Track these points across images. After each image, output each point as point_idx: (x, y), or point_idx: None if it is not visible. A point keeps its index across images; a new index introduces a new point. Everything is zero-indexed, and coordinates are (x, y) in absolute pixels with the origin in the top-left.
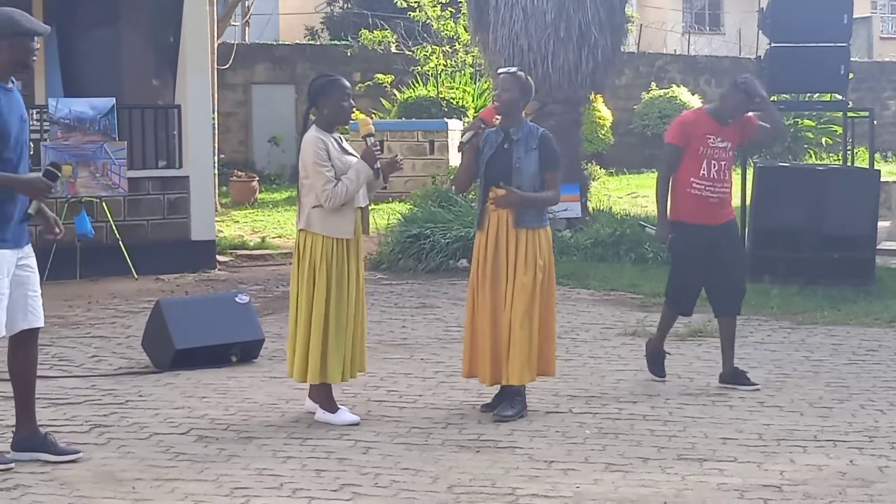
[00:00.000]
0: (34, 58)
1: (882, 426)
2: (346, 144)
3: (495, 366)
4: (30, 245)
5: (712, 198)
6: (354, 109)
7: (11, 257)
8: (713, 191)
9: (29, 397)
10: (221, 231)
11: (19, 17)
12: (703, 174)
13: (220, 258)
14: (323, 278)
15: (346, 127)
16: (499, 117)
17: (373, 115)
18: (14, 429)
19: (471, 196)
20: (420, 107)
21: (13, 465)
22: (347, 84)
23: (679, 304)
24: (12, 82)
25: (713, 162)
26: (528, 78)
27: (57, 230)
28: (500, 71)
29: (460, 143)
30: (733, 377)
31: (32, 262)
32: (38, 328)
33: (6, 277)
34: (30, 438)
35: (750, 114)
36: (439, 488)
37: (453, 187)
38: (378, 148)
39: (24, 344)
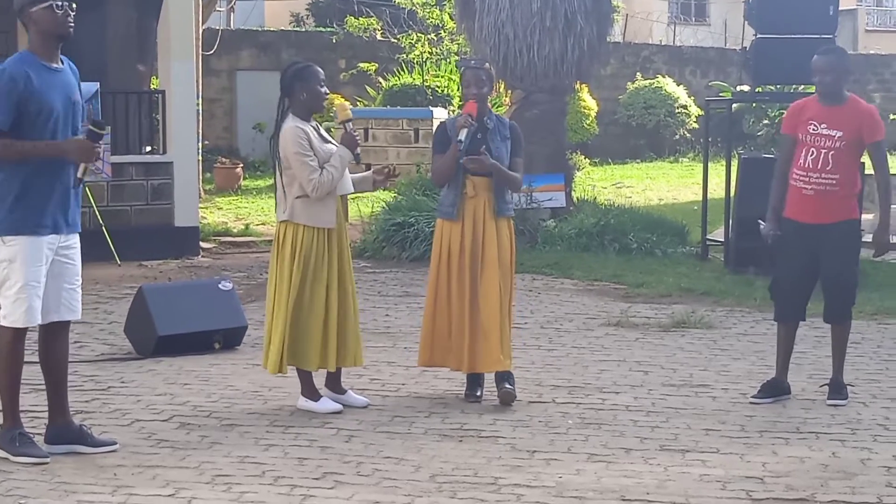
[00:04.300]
0: (65, 26)
1: (864, 418)
2: (324, 132)
3: (473, 353)
4: (76, 236)
5: (806, 189)
6: (328, 96)
7: (50, 244)
8: (807, 181)
9: (61, 389)
10: (205, 217)
11: None
12: (801, 163)
13: (203, 245)
14: (300, 268)
15: (331, 114)
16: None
17: (357, 104)
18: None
19: None
20: (405, 95)
21: (48, 459)
22: (321, 70)
23: (775, 305)
24: (62, 62)
25: (812, 149)
26: (491, 67)
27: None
28: (470, 66)
29: (459, 141)
30: (834, 387)
31: (74, 253)
32: (69, 321)
33: (43, 265)
34: (65, 431)
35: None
36: (421, 477)
37: (431, 179)
38: (357, 133)
39: (54, 335)
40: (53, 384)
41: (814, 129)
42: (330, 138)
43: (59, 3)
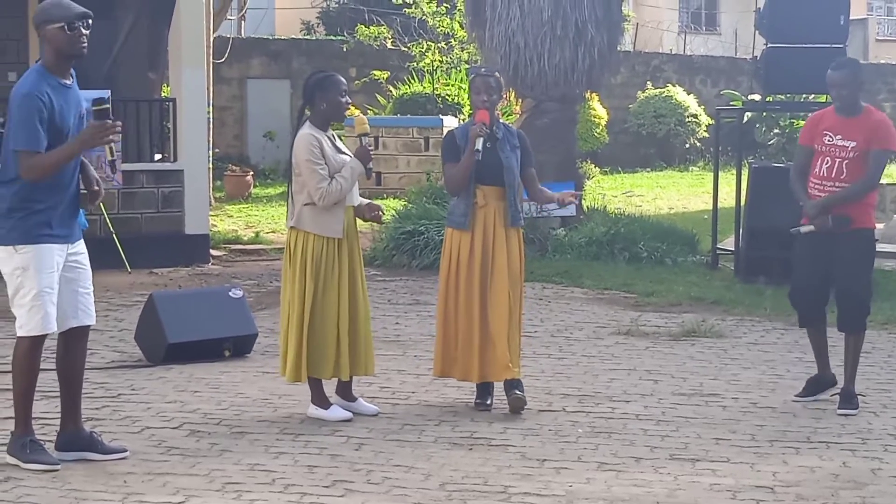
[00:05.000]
0: (77, 47)
1: (875, 428)
2: (339, 143)
3: (483, 362)
4: (82, 241)
5: (821, 197)
6: (350, 105)
7: (60, 252)
8: (822, 189)
9: (76, 396)
10: (215, 225)
11: (51, 5)
12: (816, 171)
13: (213, 252)
14: (312, 276)
15: (342, 123)
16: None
17: (368, 112)
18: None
19: None
20: (415, 103)
21: (59, 466)
22: (343, 80)
23: (797, 312)
24: (71, 77)
25: (826, 158)
26: (501, 76)
27: (96, 187)
28: (481, 73)
29: (477, 150)
30: (845, 397)
31: (84, 258)
32: (88, 326)
33: (56, 272)
34: (75, 439)
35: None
36: (431, 485)
37: (446, 189)
38: (372, 147)
39: (73, 342)
40: (69, 391)
41: (829, 140)
42: (345, 149)
43: (73, 24)
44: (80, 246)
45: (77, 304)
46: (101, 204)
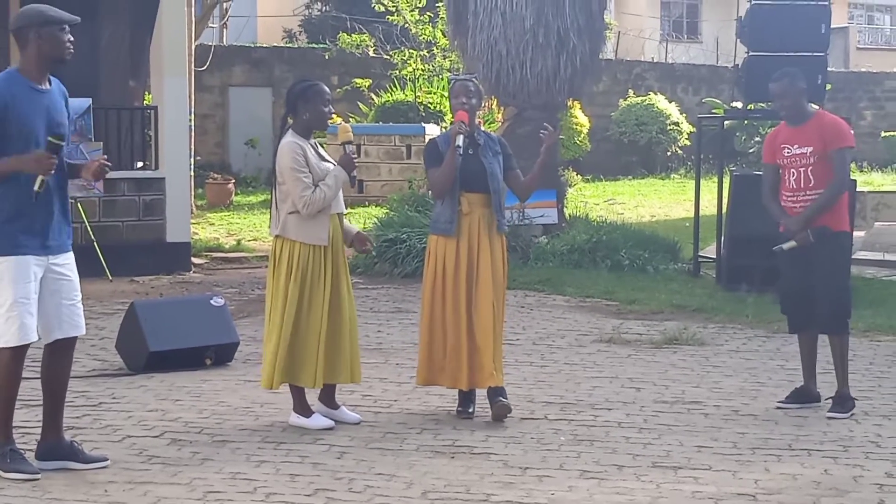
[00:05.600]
0: (66, 49)
1: (857, 435)
2: (322, 150)
3: (472, 370)
4: (70, 253)
5: (796, 208)
6: (333, 115)
7: (38, 263)
8: (796, 201)
9: (58, 406)
10: (197, 233)
11: (44, 8)
12: (786, 185)
13: (195, 260)
14: (297, 284)
15: (325, 132)
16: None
17: (350, 120)
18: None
19: None
20: (397, 111)
21: (39, 475)
22: (327, 89)
23: (787, 318)
24: (49, 82)
25: (792, 171)
26: (480, 82)
27: (105, 161)
28: (460, 77)
29: (457, 146)
30: (837, 400)
31: (69, 269)
32: (75, 338)
33: (32, 282)
34: (56, 448)
35: (838, 121)
36: (413, 494)
37: (430, 192)
38: (356, 155)
39: (57, 353)
40: (52, 401)
41: (788, 152)
42: (328, 157)
43: (65, 28)
44: (66, 257)
45: (61, 315)
46: (83, 212)
